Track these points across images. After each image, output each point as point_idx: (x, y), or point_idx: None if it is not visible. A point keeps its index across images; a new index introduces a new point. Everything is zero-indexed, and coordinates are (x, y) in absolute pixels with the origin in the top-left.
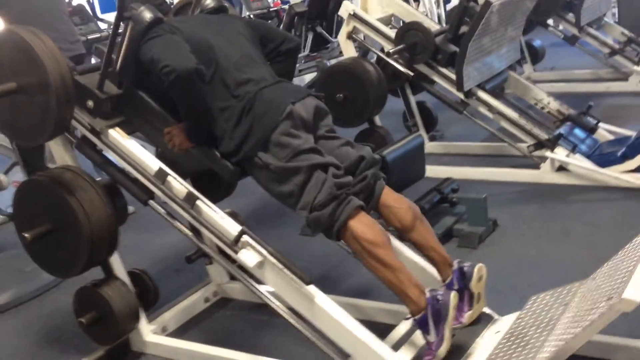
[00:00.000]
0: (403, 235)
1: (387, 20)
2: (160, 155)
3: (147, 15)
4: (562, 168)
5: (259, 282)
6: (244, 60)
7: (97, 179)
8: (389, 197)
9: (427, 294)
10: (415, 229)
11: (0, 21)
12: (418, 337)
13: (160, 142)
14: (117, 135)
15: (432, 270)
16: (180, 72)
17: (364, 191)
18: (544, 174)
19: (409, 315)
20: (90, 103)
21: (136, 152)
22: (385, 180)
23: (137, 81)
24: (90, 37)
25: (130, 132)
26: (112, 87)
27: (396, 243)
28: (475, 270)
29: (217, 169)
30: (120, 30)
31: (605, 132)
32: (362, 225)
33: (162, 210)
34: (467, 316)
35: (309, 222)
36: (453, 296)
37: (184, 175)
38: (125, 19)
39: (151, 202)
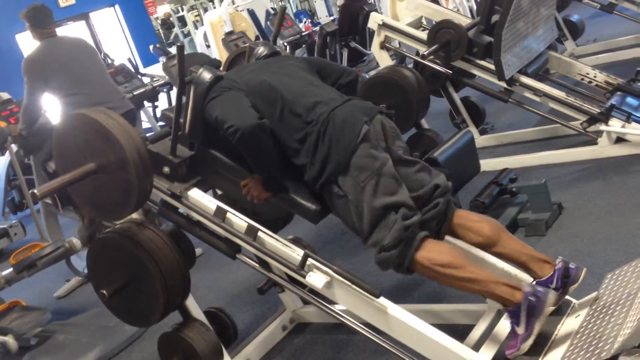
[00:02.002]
0: (487, 250)
1: (417, 24)
2: (240, 208)
3: (207, 75)
4: (620, 139)
5: (332, 302)
6: (308, 87)
7: (162, 227)
8: (463, 215)
9: (527, 288)
10: (500, 241)
11: (50, 98)
12: (498, 333)
13: (239, 195)
14: (196, 195)
15: (521, 275)
16: (243, 130)
17: (436, 217)
18: (603, 149)
19: (502, 307)
20: (166, 169)
21: (215, 207)
22: (456, 205)
23: (207, 140)
24: (135, 92)
25: (206, 189)
26: (184, 150)
27: (479, 252)
28: (582, 275)
29: (298, 213)
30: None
31: None
32: (430, 252)
33: None
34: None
35: (377, 261)
36: (552, 295)
37: (265, 224)
38: (187, 83)
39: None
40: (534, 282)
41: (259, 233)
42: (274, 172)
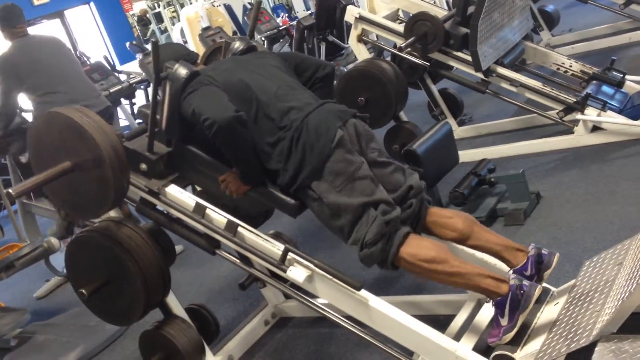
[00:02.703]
0: (462, 244)
1: (394, 16)
2: (220, 204)
3: (183, 71)
4: (596, 128)
5: (313, 296)
6: (283, 90)
7: (141, 224)
8: (435, 213)
9: (512, 281)
10: (473, 233)
11: (25, 98)
12: (478, 322)
13: (217, 190)
14: (174, 191)
15: (500, 265)
16: (220, 122)
17: (410, 217)
18: (579, 137)
19: (488, 299)
20: (143, 166)
21: (193, 203)
22: (429, 203)
23: (184, 136)
24: (112, 90)
25: (184, 185)
26: (162, 146)
27: (456, 245)
28: (555, 260)
29: (277, 207)
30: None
31: (633, 84)
32: (413, 248)
33: None
34: None
35: (361, 258)
36: (538, 291)
37: (245, 219)
38: (163, 79)
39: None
40: (510, 271)
41: (239, 228)
42: (252, 166)
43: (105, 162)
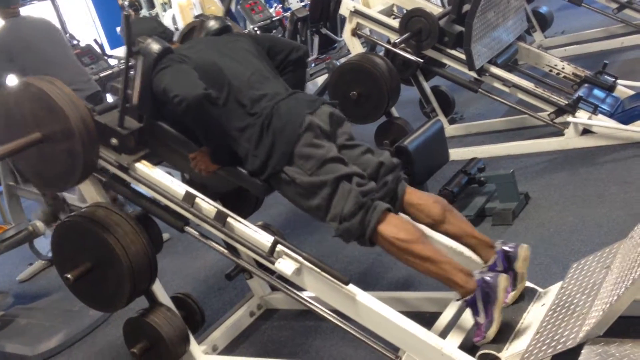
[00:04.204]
0: (435, 229)
1: (389, 12)
2: (189, 181)
3: (155, 47)
4: (586, 131)
5: (300, 289)
6: (256, 77)
7: (129, 211)
8: (413, 195)
9: (477, 276)
10: (446, 220)
11: (14, 77)
12: (464, 321)
13: (187, 168)
14: (144, 167)
15: (469, 253)
16: (189, 100)
17: (387, 196)
18: (569, 140)
19: (459, 297)
20: (114, 141)
21: (164, 180)
22: (406, 181)
23: (156, 112)
24: (102, 74)
25: (156, 163)
26: (133, 122)
27: (430, 232)
28: (520, 251)
29: (246, 186)
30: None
31: (624, 88)
32: (392, 226)
33: (195, 233)
34: (511, 296)
35: (340, 232)
36: (503, 279)
37: (214, 197)
38: (135, 53)
39: (185, 227)
40: (475, 271)
41: (229, 219)
42: (221, 144)
43: (75, 134)
